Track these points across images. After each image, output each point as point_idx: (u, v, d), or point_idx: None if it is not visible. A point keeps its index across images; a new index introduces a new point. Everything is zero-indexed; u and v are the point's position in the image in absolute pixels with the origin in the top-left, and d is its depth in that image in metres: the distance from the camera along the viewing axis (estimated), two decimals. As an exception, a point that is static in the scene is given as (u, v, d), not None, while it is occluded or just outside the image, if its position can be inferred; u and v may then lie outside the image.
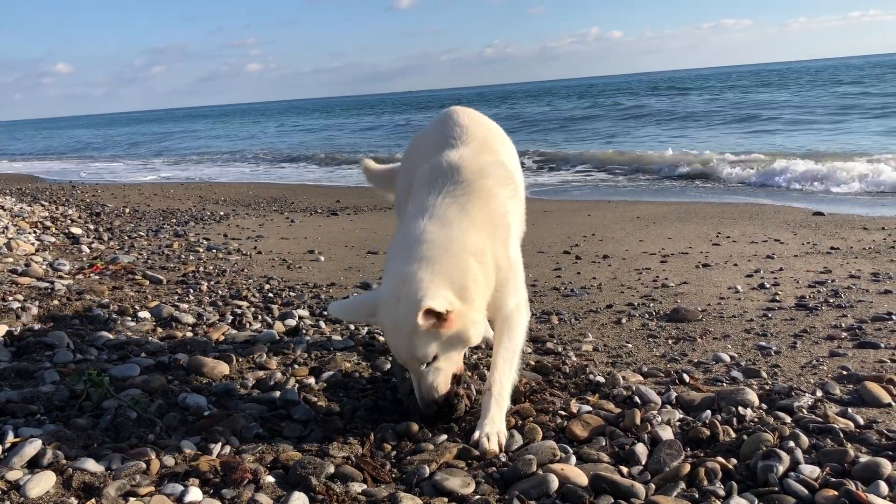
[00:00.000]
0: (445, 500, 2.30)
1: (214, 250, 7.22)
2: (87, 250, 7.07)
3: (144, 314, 4.52)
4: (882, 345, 3.76)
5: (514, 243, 2.97)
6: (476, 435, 2.65)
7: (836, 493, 2.20)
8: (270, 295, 5.22)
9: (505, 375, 2.82)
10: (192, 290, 5.30)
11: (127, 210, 10.90)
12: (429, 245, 2.63)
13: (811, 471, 2.36)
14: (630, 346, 3.96)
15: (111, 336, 4.00)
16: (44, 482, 2.27)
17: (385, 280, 2.70)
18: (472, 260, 2.65)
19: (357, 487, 2.36)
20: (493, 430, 2.65)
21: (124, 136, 51.42)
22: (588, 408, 2.96)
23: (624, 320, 4.47)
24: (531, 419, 2.85)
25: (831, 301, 4.65)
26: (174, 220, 9.70)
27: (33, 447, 2.46)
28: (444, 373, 2.68)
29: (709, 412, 2.88)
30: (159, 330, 4.25)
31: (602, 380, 3.29)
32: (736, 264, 5.99)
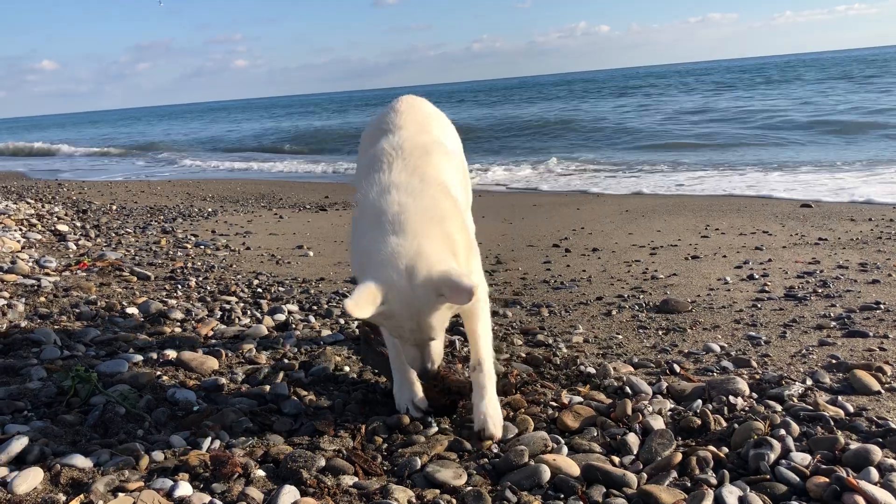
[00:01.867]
0: (437, 491, 2.29)
1: (202, 246, 7.17)
2: (74, 247, 7.00)
3: (132, 310, 4.48)
4: (871, 333, 3.78)
5: (467, 213, 3.00)
6: (482, 419, 2.65)
7: (828, 479, 2.20)
8: (259, 290, 5.20)
9: (489, 349, 2.82)
10: (180, 286, 5.26)
11: (114, 207, 10.82)
12: (410, 216, 2.49)
13: (802, 458, 2.36)
14: (620, 337, 3.96)
15: (99, 332, 3.97)
16: (31, 478, 2.24)
17: (375, 260, 2.44)
18: (452, 227, 2.58)
19: (348, 480, 2.34)
20: (495, 412, 2.69)
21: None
22: (579, 399, 2.96)
23: (614, 312, 4.47)
24: (522, 410, 2.85)
25: (820, 291, 4.67)
26: (161, 217, 9.63)
27: (20, 443, 2.43)
28: (441, 340, 2.62)
29: (700, 402, 2.88)
30: (147, 326, 4.21)
31: (593, 371, 3.29)
32: (725, 256, 6.00)
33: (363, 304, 2.32)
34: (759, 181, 11.46)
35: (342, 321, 4.33)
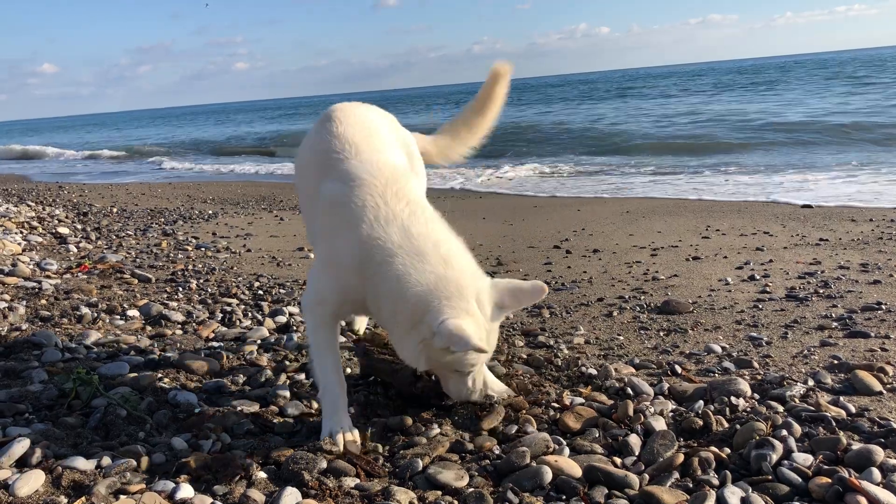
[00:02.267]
0: (439, 493, 2.28)
1: (203, 248, 7.18)
2: (75, 250, 7.01)
3: (133, 312, 4.48)
4: (872, 334, 3.78)
5: None
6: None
7: (830, 480, 2.20)
8: (260, 292, 5.20)
9: None
10: (181, 289, 5.26)
11: (114, 210, 10.83)
12: (451, 250, 2.60)
13: (804, 459, 2.36)
14: (621, 338, 3.96)
15: (100, 335, 3.96)
16: (33, 481, 2.24)
17: (445, 297, 2.46)
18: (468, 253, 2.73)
19: (350, 482, 2.34)
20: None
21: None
22: (581, 400, 2.96)
23: (615, 313, 4.47)
24: (524, 412, 2.84)
25: (821, 292, 4.67)
26: (162, 220, 9.64)
27: (22, 446, 2.43)
28: None
29: (701, 402, 2.88)
30: (148, 328, 4.22)
31: (594, 372, 3.28)
32: (726, 257, 6.00)
33: (481, 337, 2.45)
34: (743, 184, 11.46)
35: (343, 323, 4.32)
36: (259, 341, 3.90)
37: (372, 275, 2.56)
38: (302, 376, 3.34)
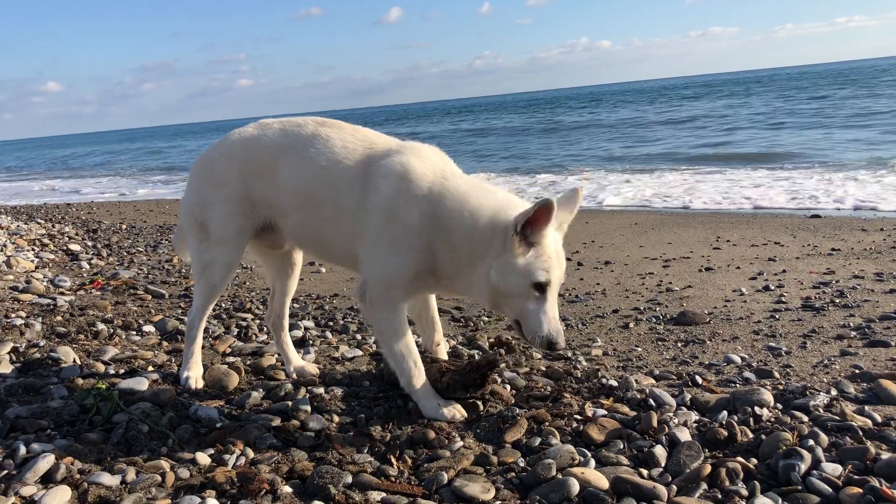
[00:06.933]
0: (466, 506, 2.27)
1: (215, 264, 7.17)
2: (87, 266, 7.03)
3: (149, 328, 4.49)
4: (892, 343, 3.76)
5: None
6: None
7: (861, 490, 2.18)
8: (274, 307, 5.19)
9: None
10: (195, 304, 5.26)
11: (123, 226, 10.86)
12: (506, 193, 2.93)
13: (833, 469, 2.34)
14: (639, 349, 3.94)
15: (117, 350, 3.96)
16: (59, 497, 2.24)
17: (508, 208, 2.73)
18: None
19: (376, 496, 2.33)
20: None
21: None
22: (603, 411, 2.94)
23: (631, 324, 4.45)
24: (547, 424, 2.83)
25: (837, 301, 4.65)
26: (172, 236, 9.65)
27: (46, 462, 2.43)
28: None
29: (725, 413, 2.86)
30: (165, 343, 4.21)
31: (615, 383, 3.27)
32: (738, 267, 5.99)
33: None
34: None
35: (359, 337, 4.32)
36: (276, 355, 3.89)
37: (445, 221, 2.75)
38: (321, 390, 3.32)
